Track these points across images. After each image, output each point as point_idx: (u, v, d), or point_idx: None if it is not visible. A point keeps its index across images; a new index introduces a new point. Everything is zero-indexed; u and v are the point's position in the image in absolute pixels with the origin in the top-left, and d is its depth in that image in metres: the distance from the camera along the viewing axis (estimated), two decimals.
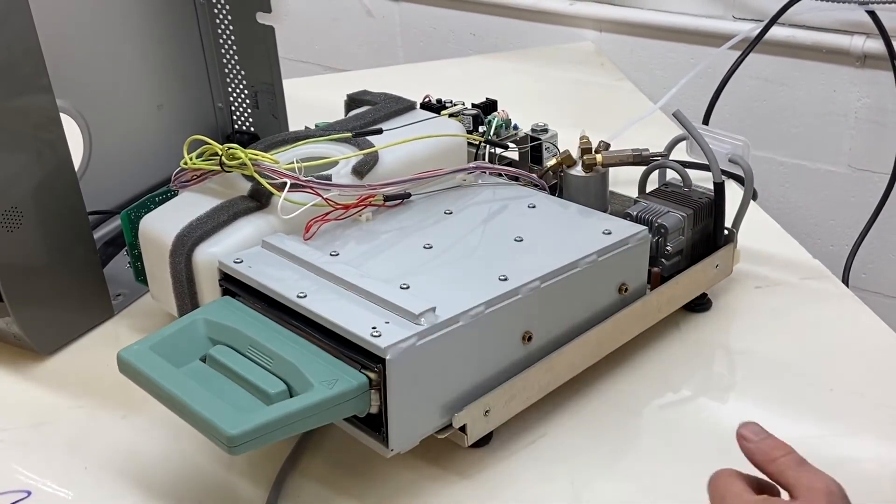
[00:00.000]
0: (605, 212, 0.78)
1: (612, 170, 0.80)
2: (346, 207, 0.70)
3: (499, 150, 0.84)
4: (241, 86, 0.95)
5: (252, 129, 0.97)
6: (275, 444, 0.57)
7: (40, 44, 0.70)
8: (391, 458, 0.60)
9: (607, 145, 0.80)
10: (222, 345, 0.61)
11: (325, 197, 0.69)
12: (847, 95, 1.20)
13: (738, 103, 1.27)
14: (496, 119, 0.85)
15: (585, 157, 0.79)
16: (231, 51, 0.93)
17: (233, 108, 0.97)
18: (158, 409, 0.58)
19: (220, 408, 0.55)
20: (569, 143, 0.83)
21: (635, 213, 0.74)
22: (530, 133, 0.86)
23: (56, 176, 0.73)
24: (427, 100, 0.91)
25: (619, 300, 0.70)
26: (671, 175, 0.79)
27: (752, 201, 0.81)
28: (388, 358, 0.56)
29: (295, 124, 0.93)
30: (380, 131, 0.77)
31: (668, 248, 0.73)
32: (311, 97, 1.08)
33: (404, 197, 0.73)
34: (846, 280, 1.19)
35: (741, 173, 0.78)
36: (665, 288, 0.73)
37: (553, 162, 0.80)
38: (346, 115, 0.87)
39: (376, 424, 0.58)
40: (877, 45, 1.14)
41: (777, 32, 1.19)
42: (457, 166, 0.77)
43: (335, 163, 0.73)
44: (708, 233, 0.77)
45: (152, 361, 0.59)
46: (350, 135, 0.77)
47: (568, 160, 0.80)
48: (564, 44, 1.39)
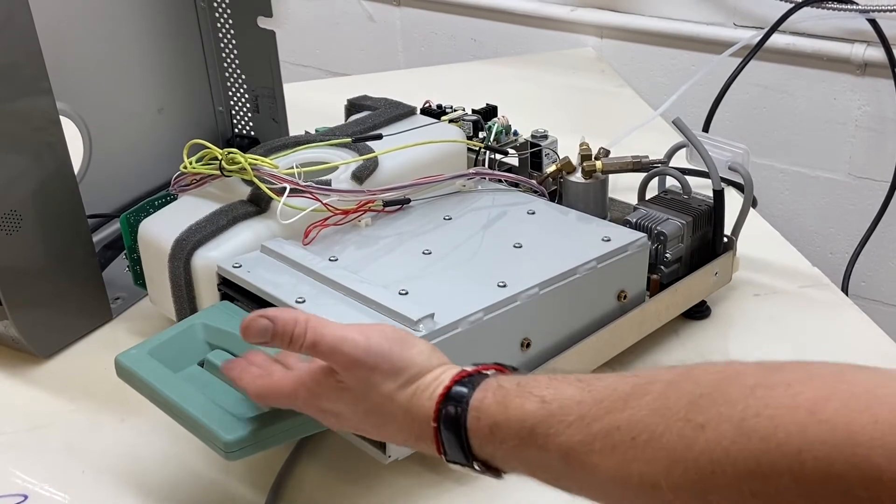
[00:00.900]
0: (604, 219, 0.78)
1: (611, 176, 0.80)
2: (346, 213, 0.70)
3: (499, 156, 0.84)
4: (242, 90, 0.95)
5: (252, 133, 0.97)
6: (272, 449, 0.57)
7: (41, 47, 0.70)
8: (389, 465, 0.60)
9: (607, 152, 0.80)
10: (220, 349, 0.61)
11: (324, 202, 0.69)
12: (847, 103, 1.20)
13: (739, 110, 1.27)
14: (496, 125, 0.85)
15: (585, 164, 0.79)
16: (232, 55, 0.93)
17: (233, 111, 0.97)
18: (156, 414, 0.58)
19: (218, 413, 0.55)
20: (569, 149, 0.82)
21: (635, 220, 0.74)
22: (530, 139, 0.86)
23: (55, 179, 0.73)
24: (427, 105, 0.90)
25: (618, 307, 0.70)
26: (671, 182, 0.79)
27: (751, 209, 0.81)
28: None
29: (295, 128, 0.93)
30: (380, 137, 0.77)
31: (668, 255, 0.73)
32: (312, 101, 1.08)
33: (404, 202, 0.73)
34: (845, 288, 1.19)
35: (741, 181, 0.78)
36: (664, 295, 0.73)
37: (553, 168, 0.80)
38: (346, 120, 0.87)
39: None
40: (877, 54, 1.15)
41: (778, 40, 1.19)
42: (456, 172, 0.77)
43: (335, 168, 0.73)
44: (707, 240, 0.77)
45: (150, 366, 0.59)
46: (350, 140, 0.77)
47: (568, 167, 0.79)
48: (565, 50, 1.39)
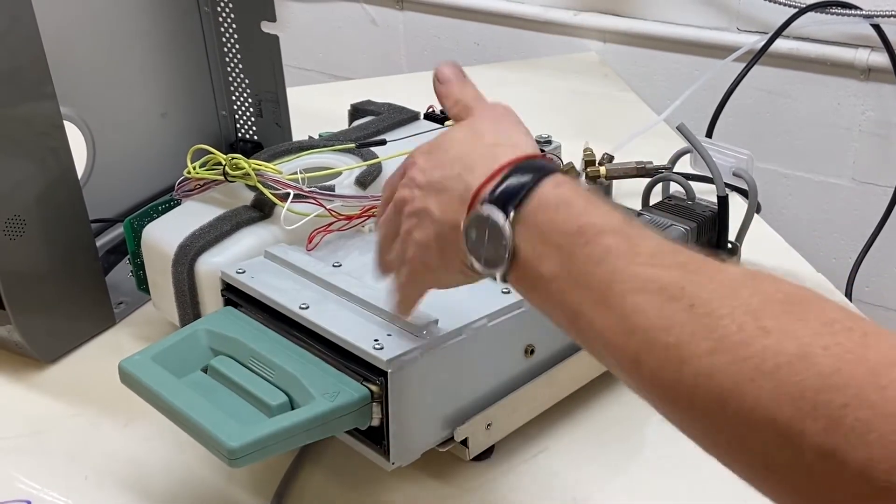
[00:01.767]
0: None
1: (615, 182, 0.80)
2: (349, 218, 0.70)
3: None
4: (245, 94, 0.95)
5: (255, 137, 0.97)
6: (276, 455, 0.57)
7: (45, 51, 0.70)
8: (392, 472, 0.59)
9: (611, 157, 0.80)
10: (224, 355, 0.61)
11: (328, 208, 0.69)
12: (851, 108, 1.20)
13: (742, 115, 1.27)
14: None
15: (589, 169, 0.79)
16: (235, 59, 0.93)
17: (236, 116, 0.97)
18: (159, 420, 0.58)
19: (221, 419, 0.54)
20: (572, 154, 0.82)
21: None
22: None
23: (59, 184, 0.73)
24: (431, 110, 0.90)
25: None
26: (675, 188, 0.79)
27: (755, 214, 0.81)
28: (389, 371, 0.55)
29: (298, 133, 0.93)
30: (383, 142, 0.77)
31: None
32: (315, 106, 1.08)
33: None
34: (849, 293, 1.19)
35: (745, 186, 0.78)
36: None
37: None
38: (349, 125, 0.87)
39: (377, 437, 0.58)
40: (881, 59, 1.15)
41: (781, 45, 1.19)
42: None
43: (338, 173, 0.73)
44: (711, 246, 0.76)
45: (153, 372, 0.59)
46: (353, 145, 0.77)
47: (571, 172, 0.80)
48: (568, 54, 1.39)
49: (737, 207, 0.78)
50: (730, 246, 0.77)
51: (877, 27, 1.12)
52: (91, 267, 0.78)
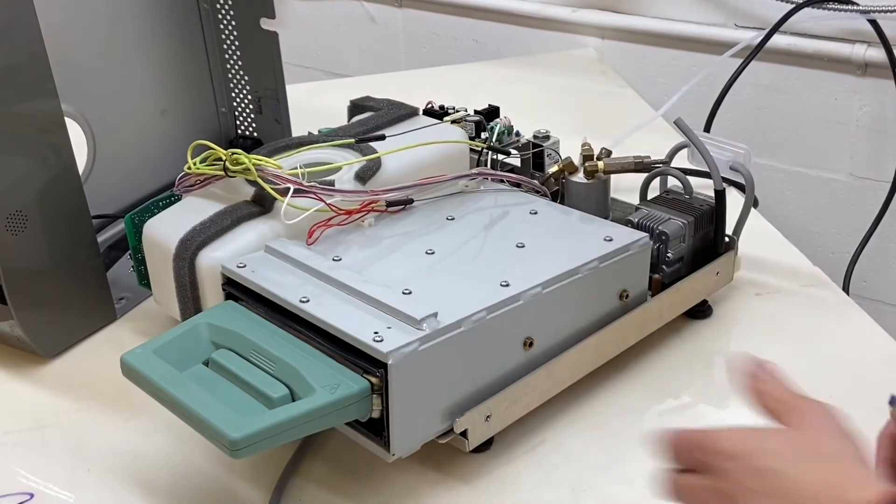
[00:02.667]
0: (606, 218, 0.78)
1: (613, 177, 0.80)
2: (349, 213, 0.70)
3: (501, 157, 0.84)
4: (245, 91, 0.95)
5: (255, 134, 0.97)
6: (277, 447, 0.57)
7: (46, 48, 0.70)
8: (392, 463, 0.60)
9: (609, 152, 0.80)
10: (225, 349, 0.61)
11: (328, 202, 0.69)
12: (848, 104, 1.20)
13: (740, 111, 1.27)
14: (498, 126, 0.85)
15: (587, 164, 0.79)
16: (235, 56, 0.93)
17: (236, 113, 0.97)
18: (161, 413, 0.58)
19: (223, 411, 0.55)
20: (571, 150, 0.83)
21: (636, 220, 0.74)
22: (532, 140, 0.86)
23: (60, 180, 0.74)
24: (430, 106, 0.91)
25: (620, 307, 0.70)
26: (672, 182, 0.79)
27: (752, 209, 0.81)
28: (390, 363, 0.56)
29: (298, 130, 0.93)
30: (383, 137, 0.77)
31: (669, 254, 0.73)
32: (315, 103, 1.08)
33: (407, 203, 0.74)
34: (847, 288, 1.19)
35: (742, 181, 0.78)
36: (666, 295, 0.73)
37: (555, 169, 0.80)
38: (349, 121, 0.87)
39: (378, 429, 0.59)
40: (878, 54, 1.15)
41: (778, 41, 1.19)
42: (459, 172, 0.78)
43: (338, 168, 0.73)
44: (709, 240, 0.77)
45: (155, 365, 0.59)
46: (353, 141, 0.77)
47: (570, 167, 0.80)
48: (567, 51, 1.39)
49: (734, 202, 0.78)
50: (727, 240, 0.78)
51: (873, 22, 1.12)
52: (92, 263, 0.78)
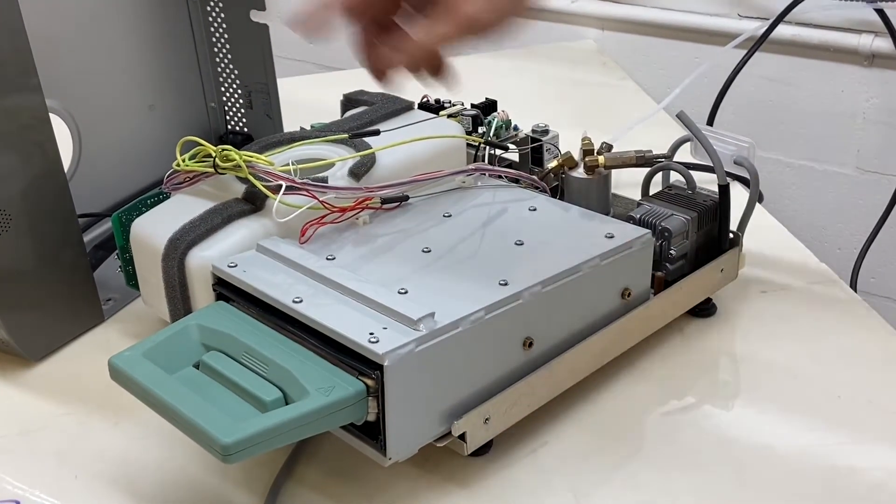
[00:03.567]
0: (607, 215, 0.77)
1: (614, 172, 0.80)
2: (343, 210, 0.69)
3: (499, 152, 0.84)
4: (235, 85, 0.94)
5: (246, 129, 0.96)
6: (270, 452, 0.56)
7: (29, 42, 0.69)
8: (389, 468, 0.59)
9: (610, 147, 0.80)
10: (216, 351, 0.61)
11: (321, 200, 0.68)
12: (855, 95, 1.19)
13: (744, 103, 1.26)
14: (496, 120, 0.85)
15: (587, 159, 0.78)
16: (224, 50, 0.92)
17: (226, 108, 0.96)
18: (150, 417, 0.57)
19: (214, 415, 0.54)
20: (570, 144, 0.82)
21: (638, 217, 0.73)
22: (531, 134, 0.85)
23: (45, 178, 0.72)
24: (425, 100, 0.90)
25: (621, 305, 0.69)
26: (675, 177, 0.78)
27: (757, 204, 0.80)
28: (386, 364, 0.55)
29: (290, 125, 0.92)
30: (377, 132, 0.77)
31: (672, 251, 0.72)
32: (307, 97, 1.07)
33: (402, 199, 0.73)
34: (854, 284, 1.18)
35: (746, 175, 0.77)
36: (669, 292, 0.72)
37: (554, 164, 0.80)
38: (342, 116, 0.86)
39: (374, 432, 0.58)
40: (885, 44, 1.14)
41: (783, 31, 1.18)
42: (456, 168, 0.76)
43: (331, 165, 0.73)
44: (713, 236, 0.76)
45: (144, 368, 0.58)
46: (346, 136, 0.76)
47: (569, 162, 0.79)
48: (566, 42, 1.39)
49: (738, 197, 0.77)
50: (731, 236, 0.77)
51: (881, 12, 1.11)
52: (79, 263, 0.77)
